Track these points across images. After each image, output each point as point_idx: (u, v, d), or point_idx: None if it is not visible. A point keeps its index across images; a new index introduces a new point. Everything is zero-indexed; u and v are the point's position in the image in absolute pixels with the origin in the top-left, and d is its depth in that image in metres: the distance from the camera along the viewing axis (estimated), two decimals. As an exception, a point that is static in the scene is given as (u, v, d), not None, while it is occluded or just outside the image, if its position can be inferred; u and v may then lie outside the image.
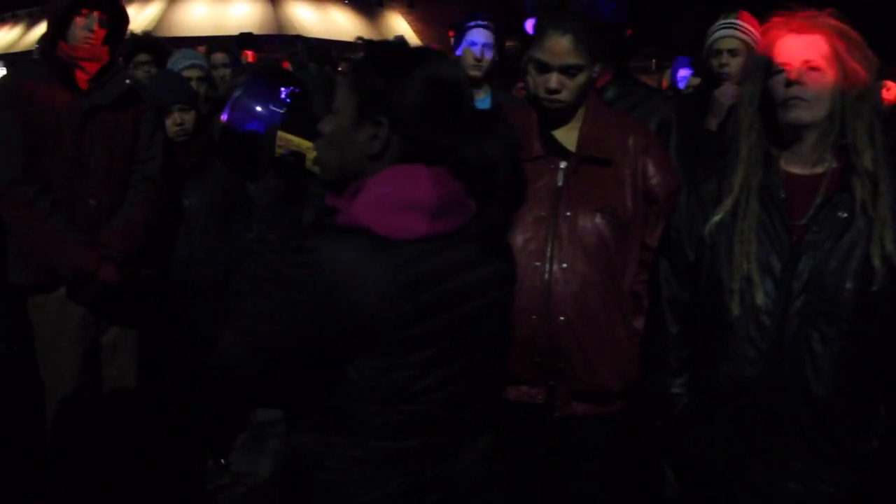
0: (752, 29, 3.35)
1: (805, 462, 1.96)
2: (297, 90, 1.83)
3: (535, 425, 2.48)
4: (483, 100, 3.93)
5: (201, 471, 3.85)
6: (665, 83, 6.08)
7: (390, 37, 7.26)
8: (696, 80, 4.29)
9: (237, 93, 1.84)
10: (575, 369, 2.38)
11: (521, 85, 4.68)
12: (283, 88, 1.85)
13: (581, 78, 2.37)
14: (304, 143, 1.70)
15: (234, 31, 8.79)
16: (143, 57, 4.31)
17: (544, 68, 2.37)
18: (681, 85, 5.20)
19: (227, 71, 4.97)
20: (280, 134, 1.72)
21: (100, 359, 3.30)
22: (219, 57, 5.03)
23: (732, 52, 3.39)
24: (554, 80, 2.36)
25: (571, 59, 2.33)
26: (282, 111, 1.79)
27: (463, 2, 21.86)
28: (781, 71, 1.97)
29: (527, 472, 2.55)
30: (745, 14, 3.43)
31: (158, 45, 4.74)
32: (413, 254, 1.46)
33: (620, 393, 2.44)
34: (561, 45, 2.32)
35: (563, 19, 2.32)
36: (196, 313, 3.59)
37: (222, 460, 3.97)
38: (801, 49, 1.96)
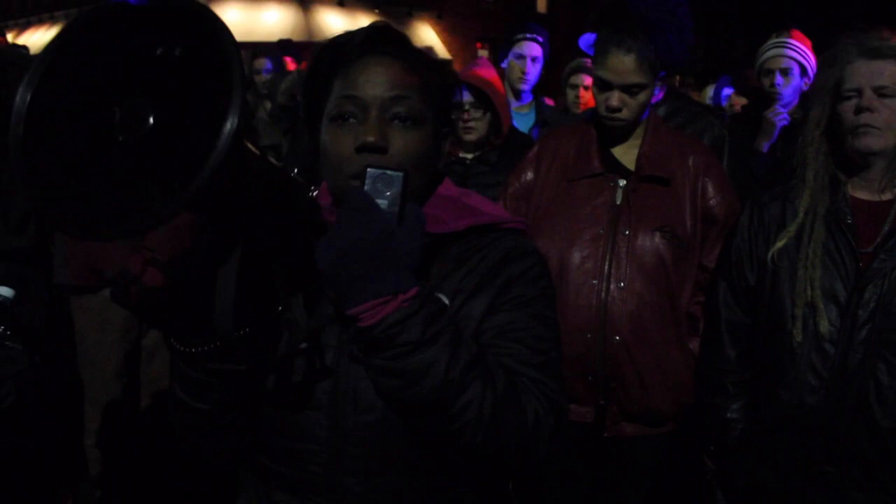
0: (805, 48, 3.30)
1: (866, 494, 1.92)
2: None
3: (583, 444, 2.45)
4: (528, 114, 3.90)
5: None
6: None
7: (420, 46, 7.21)
8: (740, 99, 4.24)
9: None
10: (627, 389, 2.35)
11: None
12: None
13: (643, 97, 2.33)
14: None
15: (266, 38, 8.81)
16: None
17: (605, 86, 2.33)
18: (723, 103, 5.15)
19: (269, 76, 4.98)
20: None
21: (140, 361, 3.29)
22: (260, 62, 5.04)
23: (784, 72, 3.35)
24: (615, 98, 2.32)
25: (634, 79, 2.29)
26: None
27: (491, 15, 21.93)
28: (851, 97, 1.94)
29: (574, 491, 2.52)
30: (798, 33, 3.36)
31: None
32: None
33: (672, 415, 2.41)
34: (624, 64, 2.27)
35: (627, 36, 2.26)
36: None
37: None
38: (873, 74, 1.92)
